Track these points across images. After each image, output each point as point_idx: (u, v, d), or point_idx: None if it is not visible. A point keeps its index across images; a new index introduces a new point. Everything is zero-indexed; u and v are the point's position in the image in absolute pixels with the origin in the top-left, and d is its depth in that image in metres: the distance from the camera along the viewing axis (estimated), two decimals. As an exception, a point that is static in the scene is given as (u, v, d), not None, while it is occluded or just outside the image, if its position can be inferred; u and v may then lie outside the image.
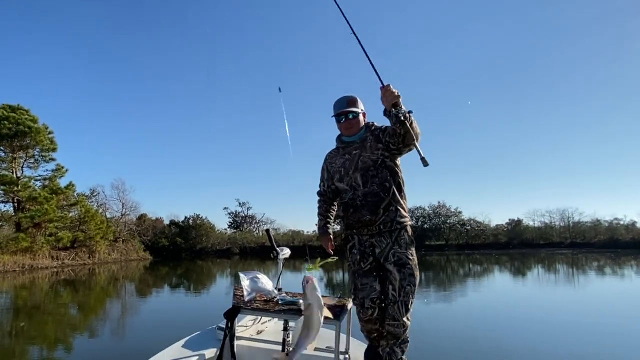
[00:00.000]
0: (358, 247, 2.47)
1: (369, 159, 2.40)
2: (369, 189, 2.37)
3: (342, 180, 2.50)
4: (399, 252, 2.36)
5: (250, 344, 3.12)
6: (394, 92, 2.18)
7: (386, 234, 2.38)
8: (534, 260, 29.93)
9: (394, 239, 2.37)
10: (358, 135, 2.50)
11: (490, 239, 46.66)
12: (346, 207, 2.47)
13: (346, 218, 2.50)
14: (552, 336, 6.62)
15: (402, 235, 2.39)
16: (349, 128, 2.48)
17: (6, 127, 26.04)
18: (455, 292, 13.32)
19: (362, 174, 2.40)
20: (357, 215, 2.40)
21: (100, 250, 31.57)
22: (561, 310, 9.42)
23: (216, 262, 35.02)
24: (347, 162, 2.48)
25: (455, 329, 7.18)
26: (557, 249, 42.66)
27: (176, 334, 3.40)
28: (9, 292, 15.65)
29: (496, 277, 19.32)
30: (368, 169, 2.39)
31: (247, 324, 3.42)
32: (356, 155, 2.46)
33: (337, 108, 2.50)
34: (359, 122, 2.49)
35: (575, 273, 20.21)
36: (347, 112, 2.47)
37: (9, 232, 26.97)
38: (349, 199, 2.45)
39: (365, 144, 2.45)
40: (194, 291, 15.50)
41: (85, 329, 8.12)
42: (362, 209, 2.38)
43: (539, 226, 48.52)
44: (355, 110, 2.47)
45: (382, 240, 2.39)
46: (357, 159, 2.44)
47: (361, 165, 2.42)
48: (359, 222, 2.40)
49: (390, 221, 2.36)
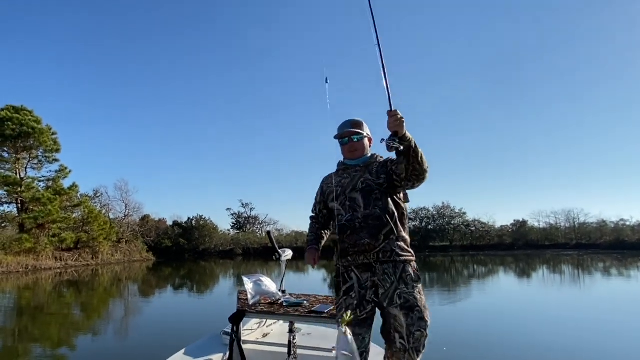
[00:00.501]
0: (357, 288, 2.11)
1: (372, 182, 2.20)
2: (370, 211, 2.14)
3: (337, 199, 2.25)
4: (405, 292, 2.05)
5: (256, 347, 3.12)
6: (398, 116, 1.93)
7: (388, 268, 2.08)
8: (539, 261, 29.72)
9: (398, 276, 2.08)
10: (362, 159, 2.32)
11: (494, 240, 46.41)
12: (342, 229, 2.18)
13: (341, 242, 2.19)
14: (557, 337, 6.57)
15: (407, 270, 2.10)
16: (352, 150, 2.31)
17: (10, 128, 26.12)
18: (460, 293, 13.19)
19: (364, 195, 2.18)
20: (354, 238, 2.13)
21: (103, 251, 31.64)
22: (567, 312, 9.30)
23: (219, 262, 34.98)
24: (345, 180, 2.27)
25: (459, 330, 7.15)
26: (563, 250, 42.34)
27: (180, 338, 3.34)
28: (12, 293, 15.66)
29: (501, 278, 19.17)
30: (372, 191, 2.18)
31: (252, 327, 3.43)
32: (357, 176, 2.25)
33: (341, 129, 2.34)
34: (364, 145, 2.32)
35: (581, 274, 20.03)
36: (351, 132, 2.30)
37: (12, 233, 27.01)
38: (346, 221, 2.17)
39: (370, 168, 2.26)
40: (197, 292, 15.44)
41: (88, 331, 8.06)
42: (361, 232, 2.12)
43: (544, 227, 48.13)
44: (360, 132, 2.31)
45: (386, 279, 2.07)
46: (357, 179, 2.23)
47: (362, 186, 2.20)
48: (356, 246, 2.12)
49: (390, 250, 2.10)
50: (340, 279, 2.19)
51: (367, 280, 2.10)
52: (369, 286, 2.09)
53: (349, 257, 2.15)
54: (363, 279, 2.11)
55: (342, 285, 2.17)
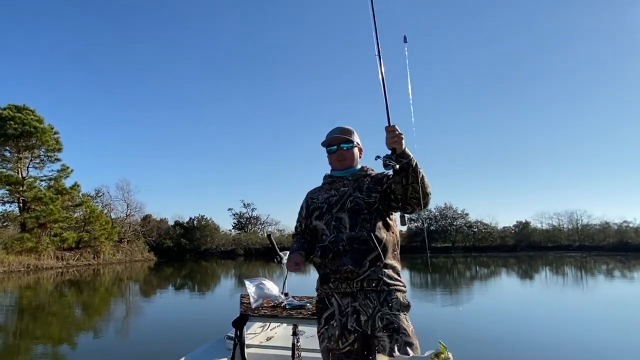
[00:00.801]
0: (338, 316, 1.89)
1: (362, 201, 1.96)
2: (356, 233, 1.91)
3: (322, 217, 2.03)
4: (388, 314, 1.82)
5: (260, 351, 3.11)
6: (396, 132, 1.77)
7: (372, 294, 1.85)
8: (541, 262, 29.61)
9: (381, 300, 1.84)
10: (350, 170, 2.10)
11: (497, 241, 46.29)
12: (324, 252, 1.95)
13: (323, 266, 1.97)
14: (559, 339, 6.54)
15: (394, 296, 1.86)
16: (340, 160, 2.09)
17: (12, 127, 26.17)
18: (461, 294, 13.13)
19: (351, 215, 1.95)
20: (335, 263, 1.90)
21: (105, 251, 31.69)
22: (569, 314, 9.25)
23: (220, 263, 34.99)
24: (332, 198, 2.04)
25: (460, 331, 7.13)
26: (565, 251, 42.19)
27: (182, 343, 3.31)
28: (13, 292, 15.71)
29: (503, 279, 19.10)
30: (360, 211, 1.94)
31: (255, 331, 3.43)
32: (345, 192, 2.02)
33: (329, 136, 2.12)
34: (353, 155, 2.10)
35: (584, 276, 19.95)
36: (340, 139, 2.08)
37: (14, 232, 27.06)
38: (329, 242, 1.94)
39: (360, 184, 2.02)
40: (198, 294, 15.40)
41: (89, 333, 8.05)
42: (344, 256, 1.89)
43: (547, 228, 47.96)
44: (350, 140, 2.09)
45: (368, 304, 1.84)
46: (346, 197, 2.00)
47: (351, 205, 1.97)
48: (337, 272, 1.90)
49: (376, 279, 1.85)
50: (321, 305, 1.99)
51: (347, 305, 1.88)
52: (350, 312, 1.86)
53: (330, 283, 1.93)
54: (343, 305, 1.89)
55: (322, 312, 1.96)
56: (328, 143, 2.12)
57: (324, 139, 2.14)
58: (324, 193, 2.10)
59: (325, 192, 2.10)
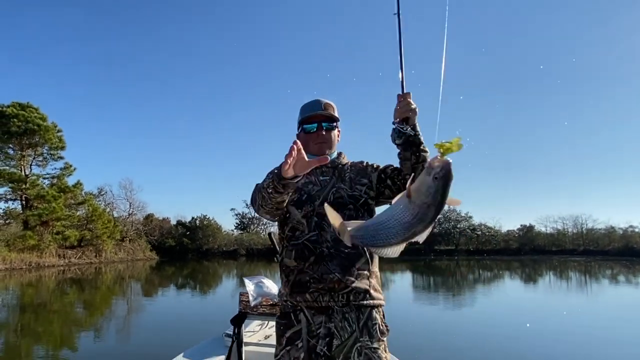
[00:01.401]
0: (305, 336, 1.54)
1: (346, 193, 1.65)
2: None
3: (300, 206, 1.63)
4: (368, 346, 1.53)
5: (258, 349, 3.12)
6: (410, 103, 1.57)
7: (350, 312, 1.54)
8: (545, 267, 29.38)
9: (362, 323, 1.54)
10: (330, 155, 1.73)
11: (500, 245, 46.11)
12: (302, 253, 1.59)
13: (298, 271, 1.59)
14: (562, 345, 6.47)
15: (374, 317, 1.57)
16: (319, 142, 1.69)
17: (15, 125, 26.25)
18: (464, 297, 12.96)
19: (336, 208, 1.52)
20: (320, 270, 1.55)
21: (107, 249, 31.72)
22: (572, 319, 9.12)
23: (222, 263, 34.94)
24: (312, 187, 1.67)
25: (463, 334, 7.04)
26: (570, 255, 41.92)
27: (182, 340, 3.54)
28: (15, 290, 15.69)
29: (506, 283, 18.91)
30: (345, 205, 1.62)
31: (254, 329, 3.45)
32: (327, 183, 1.68)
33: (308, 110, 1.72)
34: (333, 138, 1.73)
35: (588, 281, 19.75)
36: (322, 116, 1.69)
37: (16, 230, 27.11)
38: (309, 241, 1.59)
39: (342, 174, 1.70)
40: (200, 293, 15.33)
41: (90, 330, 8.02)
42: (330, 262, 1.55)
43: (551, 232, 47.83)
44: (334, 118, 1.71)
45: (345, 327, 1.53)
46: (328, 189, 1.66)
47: (334, 197, 1.64)
48: (320, 281, 1.54)
49: (363, 291, 1.56)
50: (285, 321, 1.59)
51: (320, 325, 1.53)
52: (322, 335, 1.52)
53: (307, 294, 1.54)
54: (315, 324, 1.54)
55: (285, 329, 1.58)
56: (307, 119, 1.71)
57: (299, 114, 1.76)
58: (301, 178, 1.64)
59: (303, 177, 1.66)
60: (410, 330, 7.27)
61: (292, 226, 1.64)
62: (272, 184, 1.40)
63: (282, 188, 1.39)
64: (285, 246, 1.65)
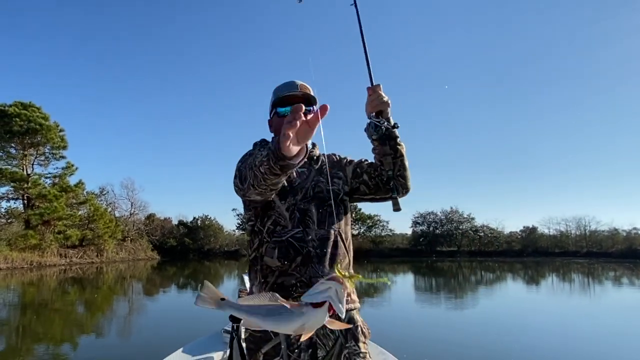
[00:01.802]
0: (285, 351, 1.36)
1: (325, 187, 1.49)
2: (326, 231, 1.44)
3: (283, 198, 1.46)
4: (355, 351, 1.40)
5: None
6: (382, 95, 1.48)
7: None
8: (548, 268, 29.21)
9: (344, 329, 1.40)
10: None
11: (503, 246, 45.92)
12: (287, 252, 1.40)
13: (280, 273, 1.40)
14: (565, 347, 6.43)
15: (355, 319, 1.45)
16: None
17: (17, 124, 26.23)
18: (466, 299, 12.84)
19: (317, 206, 1.47)
20: (307, 272, 1.38)
21: (108, 249, 31.71)
22: (575, 321, 9.09)
23: (224, 263, 34.89)
24: (294, 180, 1.50)
25: (465, 336, 7.00)
26: (573, 257, 41.70)
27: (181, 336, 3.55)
28: (16, 289, 15.66)
29: (509, 285, 18.78)
30: (324, 201, 1.47)
31: None
32: (306, 175, 1.52)
33: (284, 90, 1.52)
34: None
35: (591, 283, 19.60)
36: (298, 98, 1.48)
37: (18, 229, 27.11)
38: (292, 238, 1.41)
39: (321, 167, 1.55)
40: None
41: (91, 328, 8.03)
42: (319, 263, 1.39)
43: (554, 234, 47.63)
44: (312, 101, 1.51)
45: (328, 334, 1.39)
46: (309, 181, 1.50)
47: (314, 191, 1.49)
48: (308, 286, 1.25)
49: (348, 295, 1.35)
50: (259, 334, 1.39)
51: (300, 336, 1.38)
52: (304, 346, 1.36)
53: (291, 299, 1.36)
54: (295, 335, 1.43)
55: (260, 343, 1.38)
56: (282, 100, 1.51)
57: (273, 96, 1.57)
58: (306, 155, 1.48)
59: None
60: (412, 331, 7.23)
61: (274, 219, 1.45)
62: (266, 163, 1.09)
63: (280, 170, 1.09)
64: (266, 242, 1.44)
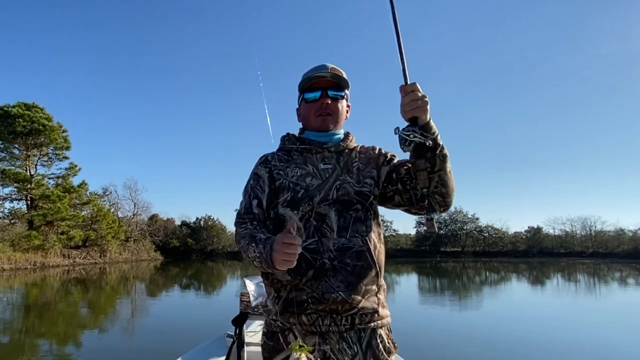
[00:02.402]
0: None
1: (352, 188, 1.31)
2: (347, 239, 1.27)
3: (296, 206, 1.30)
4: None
5: (259, 349, 2.93)
6: (420, 95, 1.17)
7: (350, 332, 1.25)
8: (553, 269, 28.96)
9: (364, 343, 1.25)
10: (333, 135, 1.38)
11: (507, 247, 45.76)
12: (297, 265, 1.16)
13: (291, 287, 1.28)
14: (570, 347, 6.37)
15: (378, 335, 1.28)
16: (323, 114, 1.35)
17: (21, 125, 26.28)
18: (470, 300, 12.65)
19: (339, 211, 1.29)
20: (321, 287, 1.24)
21: (111, 250, 31.74)
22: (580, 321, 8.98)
23: (227, 263, 34.83)
24: (312, 180, 1.32)
25: (469, 337, 6.92)
26: (578, 258, 41.47)
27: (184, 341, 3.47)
28: (20, 289, 15.60)
29: (513, 285, 18.60)
30: (350, 204, 1.30)
31: (255, 330, 3.42)
32: (329, 173, 1.33)
33: (311, 73, 1.37)
34: (340, 111, 1.37)
35: (597, 283, 19.37)
36: (328, 80, 1.33)
37: (21, 229, 27.14)
38: (305, 249, 1.25)
39: (348, 162, 1.36)
40: (204, 293, 15.17)
41: (93, 330, 7.98)
42: (334, 277, 1.24)
43: (559, 234, 47.46)
44: (342, 85, 1.35)
45: (345, 349, 1.25)
46: (331, 181, 1.32)
47: (338, 193, 1.30)
48: (321, 301, 1.24)
49: (371, 311, 1.27)
50: (272, 344, 1.31)
51: (313, 348, 1.23)
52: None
53: (304, 316, 1.25)
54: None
55: (272, 353, 1.29)
56: (309, 84, 1.36)
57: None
58: (295, 167, 1.34)
59: (297, 165, 1.34)
60: (417, 332, 7.13)
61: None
62: (257, 263, 1.20)
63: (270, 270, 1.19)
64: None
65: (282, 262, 1.07)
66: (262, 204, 1.33)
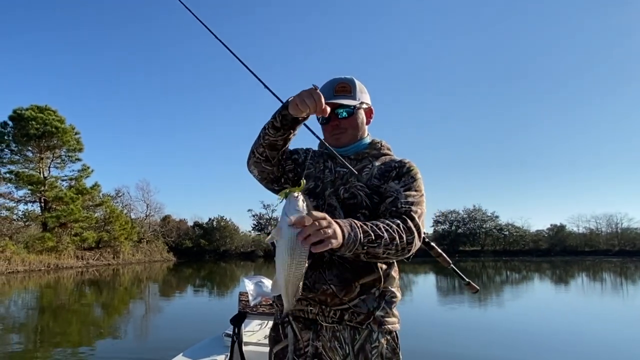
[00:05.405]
0: (292, 355, 1.34)
1: (363, 192, 1.34)
2: None
3: (315, 197, 1.38)
4: None
5: (258, 348, 3.11)
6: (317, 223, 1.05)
7: (343, 331, 1.28)
8: (577, 268, 28.02)
9: (357, 345, 1.27)
10: (353, 145, 1.44)
11: (529, 245, 44.84)
12: None
13: None
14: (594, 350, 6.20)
15: (375, 339, 1.28)
16: (336, 134, 1.42)
17: (34, 127, 26.55)
18: (491, 301, 12.13)
19: (347, 210, 1.33)
20: (313, 277, 1.28)
21: (124, 251, 31.97)
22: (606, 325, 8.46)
23: (239, 264, 34.74)
24: (327, 175, 1.41)
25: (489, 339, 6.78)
26: (604, 256, 40.29)
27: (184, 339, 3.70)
28: (34, 291, 15.69)
29: (535, 285, 17.94)
30: (358, 207, 1.33)
31: (254, 329, 3.46)
32: (342, 175, 1.39)
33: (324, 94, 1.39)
34: (355, 122, 1.42)
35: (624, 283, 18.57)
36: (334, 105, 1.36)
37: (35, 231, 27.49)
38: None
39: (366, 169, 1.39)
40: (217, 294, 15.08)
41: (105, 330, 8.16)
42: (328, 270, 1.27)
43: (584, 232, 46.48)
44: (348, 105, 1.38)
45: (336, 348, 1.29)
46: (342, 181, 1.38)
47: (345, 195, 1.35)
48: (311, 291, 1.28)
49: (365, 313, 1.27)
50: (274, 334, 1.42)
51: (307, 343, 1.32)
52: (310, 354, 1.32)
53: (297, 302, 1.29)
54: (303, 340, 1.33)
55: (274, 343, 1.40)
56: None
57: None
58: (321, 164, 1.45)
59: (323, 164, 1.45)
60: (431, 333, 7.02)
61: None
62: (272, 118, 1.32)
63: (279, 122, 1.29)
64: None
65: (301, 102, 1.18)
66: (288, 152, 1.48)
